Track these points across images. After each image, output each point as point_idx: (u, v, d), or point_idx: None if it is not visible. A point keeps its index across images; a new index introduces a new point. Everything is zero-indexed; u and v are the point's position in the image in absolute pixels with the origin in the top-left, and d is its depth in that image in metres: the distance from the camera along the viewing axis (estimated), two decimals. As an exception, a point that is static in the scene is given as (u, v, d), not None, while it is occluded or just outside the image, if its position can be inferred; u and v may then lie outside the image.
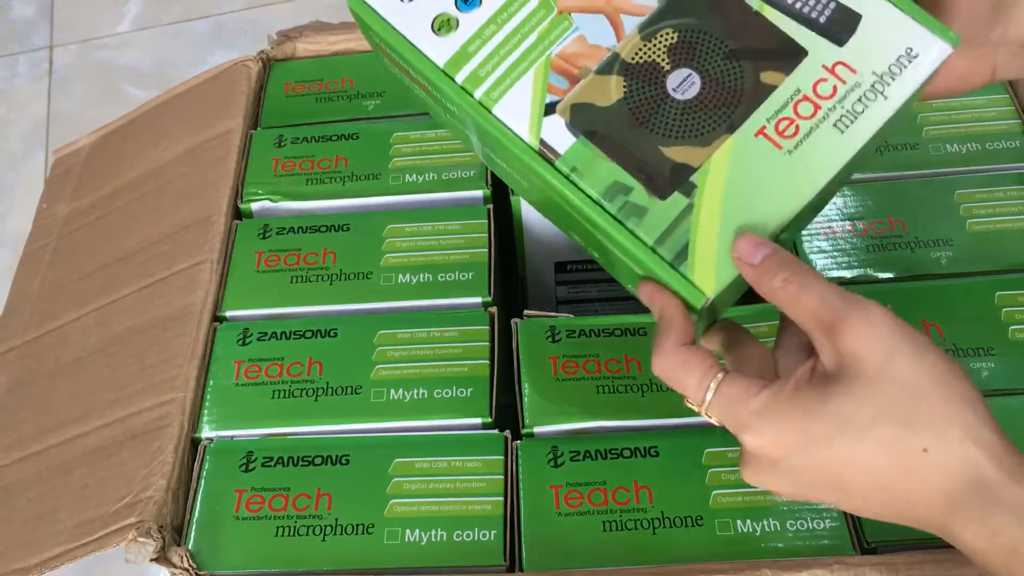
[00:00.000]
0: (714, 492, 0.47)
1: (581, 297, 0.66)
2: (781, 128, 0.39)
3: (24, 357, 0.59)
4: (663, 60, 0.40)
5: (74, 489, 0.50)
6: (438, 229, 0.57)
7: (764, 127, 0.39)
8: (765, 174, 0.38)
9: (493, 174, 0.59)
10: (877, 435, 0.34)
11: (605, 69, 0.40)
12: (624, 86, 0.40)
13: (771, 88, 0.39)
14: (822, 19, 0.40)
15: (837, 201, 0.56)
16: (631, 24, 0.41)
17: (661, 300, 0.39)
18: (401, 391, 0.51)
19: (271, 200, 0.59)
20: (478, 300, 0.54)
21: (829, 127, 0.38)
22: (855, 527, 0.45)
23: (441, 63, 0.41)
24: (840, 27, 0.40)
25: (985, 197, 0.56)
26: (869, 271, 0.54)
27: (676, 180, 0.38)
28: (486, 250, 0.56)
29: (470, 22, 0.41)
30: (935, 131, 0.59)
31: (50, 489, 0.51)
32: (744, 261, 0.37)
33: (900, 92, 0.39)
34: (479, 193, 0.59)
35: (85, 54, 1.32)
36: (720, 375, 0.37)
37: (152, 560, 0.45)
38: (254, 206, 0.60)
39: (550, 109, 0.40)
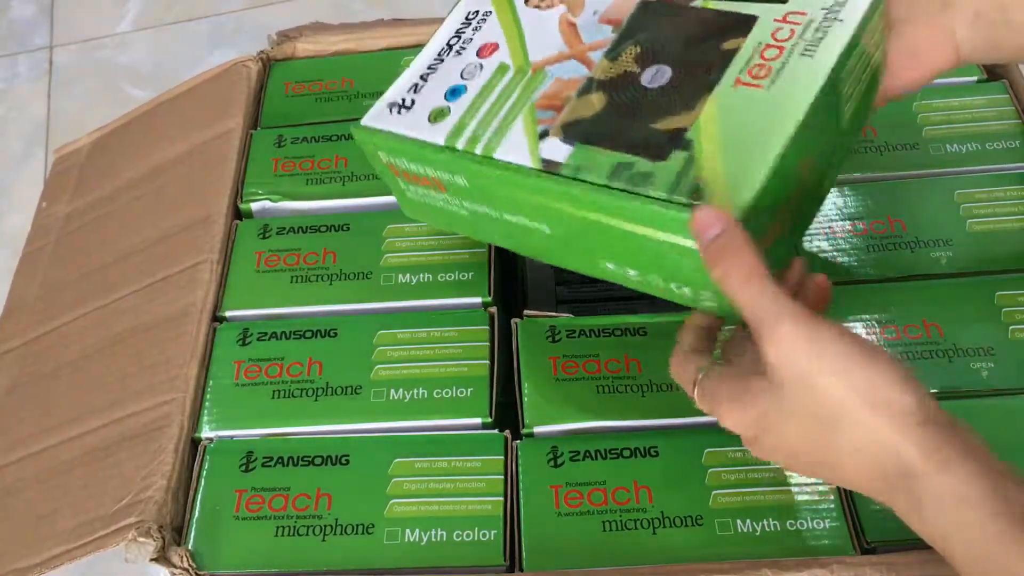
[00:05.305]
0: (714, 492, 0.47)
1: (581, 297, 0.66)
2: (755, 73, 0.41)
3: (24, 357, 0.59)
4: (633, 67, 0.44)
5: (74, 489, 0.50)
6: (438, 229, 0.57)
7: (739, 78, 0.41)
8: (754, 110, 0.40)
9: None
10: (812, 434, 0.36)
11: (584, 91, 0.44)
12: (605, 96, 0.43)
13: (735, 51, 0.42)
14: None
15: (837, 201, 0.56)
16: (598, 56, 0.45)
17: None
18: (401, 391, 0.51)
19: (271, 200, 0.59)
20: (478, 300, 0.54)
21: (797, 57, 0.41)
22: (855, 527, 0.45)
23: (441, 141, 0.45)
24: None
25: (985, 197, 0.56)
26: (869, 271, 0.54)
27: (673, 142, 0.40)
28: (486, 250, 0.55)
29: (459, 106, 0.46)
30: (935, 131, 0.59)
31: (50, 489, 0.51)
32: (699, 234, 0.37)
33: (854, 13, 0.41)
34: (479, 193, 0.59)
35: (85, 54, 1.32)
36: (700, 376, 0.40)
37: (152, 560, 0.45)
38: (254, 206, 0.60)
39: (544, 135, 0.43)
